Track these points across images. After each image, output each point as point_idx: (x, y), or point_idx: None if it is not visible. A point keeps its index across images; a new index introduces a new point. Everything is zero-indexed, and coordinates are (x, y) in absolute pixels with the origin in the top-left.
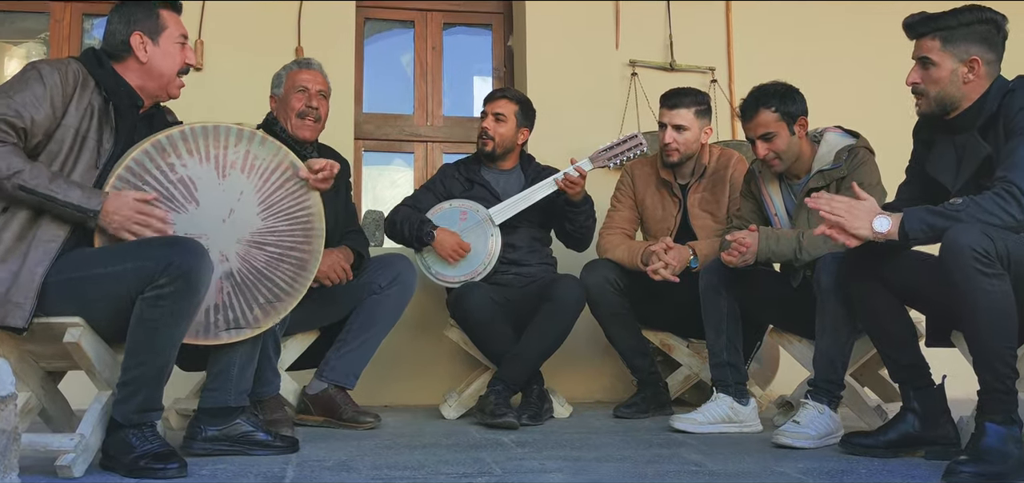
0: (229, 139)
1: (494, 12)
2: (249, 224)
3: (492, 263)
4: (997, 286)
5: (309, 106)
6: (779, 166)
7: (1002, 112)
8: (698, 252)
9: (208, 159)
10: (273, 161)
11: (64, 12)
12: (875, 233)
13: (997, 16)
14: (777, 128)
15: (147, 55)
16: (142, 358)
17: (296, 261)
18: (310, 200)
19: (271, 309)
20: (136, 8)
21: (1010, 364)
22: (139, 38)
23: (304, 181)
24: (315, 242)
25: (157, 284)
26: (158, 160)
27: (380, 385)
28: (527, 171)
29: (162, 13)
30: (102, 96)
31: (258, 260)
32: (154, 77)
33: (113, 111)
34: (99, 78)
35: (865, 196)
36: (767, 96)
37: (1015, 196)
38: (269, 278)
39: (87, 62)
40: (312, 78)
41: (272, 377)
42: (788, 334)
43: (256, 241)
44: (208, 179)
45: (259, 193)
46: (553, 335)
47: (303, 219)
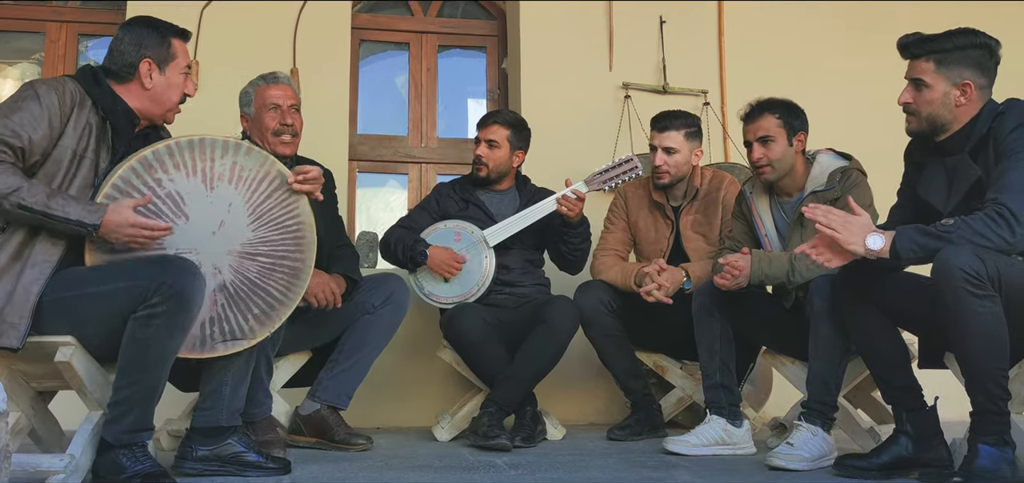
0: (215, 151)
1: (488, 34)
2: (240, 235)
3: (486, 284)
4: (988, 308)
5: (283, 124)
6: (769, 174)
7: (992, 134)
8: (691, 274)
9: (195, 172)
10: (260, 171)
11: (60, 32)
12: (867, 250)
13: (991, 41)
14: (776, 134)
15: (152, 83)
16: (134, 377)
17: (289, 270)
18: (299, 209)
19: (266, 319)
20: (149, 33)
21: (1002, 385)
22: (148, 65)
23: (292, 189)
24: (307, 250)
25: (150, 303)
26: (145, 176)
27: (373, 406)
28: (522, 192)
29: (174, 43)
30: (99, 115)
31: (250, 271)
32: (156, 104)
33: (110, 130)
34: (96, 97)
35: (860, 212)
36: (773, 103)
37: (1006, 218)
38: (263, 288)
39: (84, 81)
40: (282, 93)
41: (264, 398)
42: (781, 355)
43: (248, 252)
44: (196, 192)
45: (248, 204)
46: (547, 357)
47: (293, 228)
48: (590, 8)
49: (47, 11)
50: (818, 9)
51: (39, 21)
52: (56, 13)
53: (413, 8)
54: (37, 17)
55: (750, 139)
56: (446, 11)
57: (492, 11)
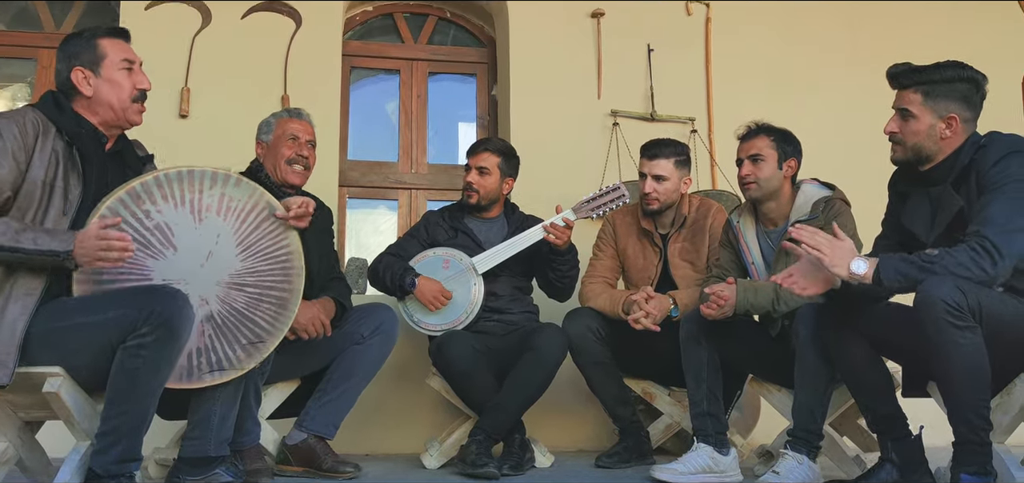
0: (203, 182)
1: (478, 61)
2: (228, 266)
3: (474, 312)
4: (970, 339)
5: (299, 155)
6: (754, 191)
7: (974, 167)
8: (678, 301)
9: (183, 204)
10: (249, 202)
11: (51, 59)
12: (851, 273)
13: (978, 75)
14: (768, 154)
15: (91, 88)
16: (123, 407)
17: (276, 300)
18: (288, 239)
19: (254, 349)
20: (74, 42)
21: (983, 416)
22: (80, 74)
23: (281, 220)
24: (295, 280)
25: (139, 333)
26: (133, 207)
27: (361, 433)
28: (511, 220)
29: (100, 42)
30: (65, 141)
31: (238, 301)
32: (106, 108)
33: (78, 156)
34: (59, 124)
35: (844, 237)
36: (769, 127)
37: (988, 251)
38: (250, 318)
39: (45, 108)
40: (302, 128)
41: (252, 427)
42: (768, 383)
43: (235, 283)
44: (184, 224)
45: (236, 234)
46: (535, 384)
47: (282, 258)
48: (579, 36)
49: (39, 38)
50: (804, 39)
51: (31, 47)
52: (48, 39)
53: (404, 35)
54: (29, 43)
55: (742, 157)
56: (436, 38)
57: (482, 38)
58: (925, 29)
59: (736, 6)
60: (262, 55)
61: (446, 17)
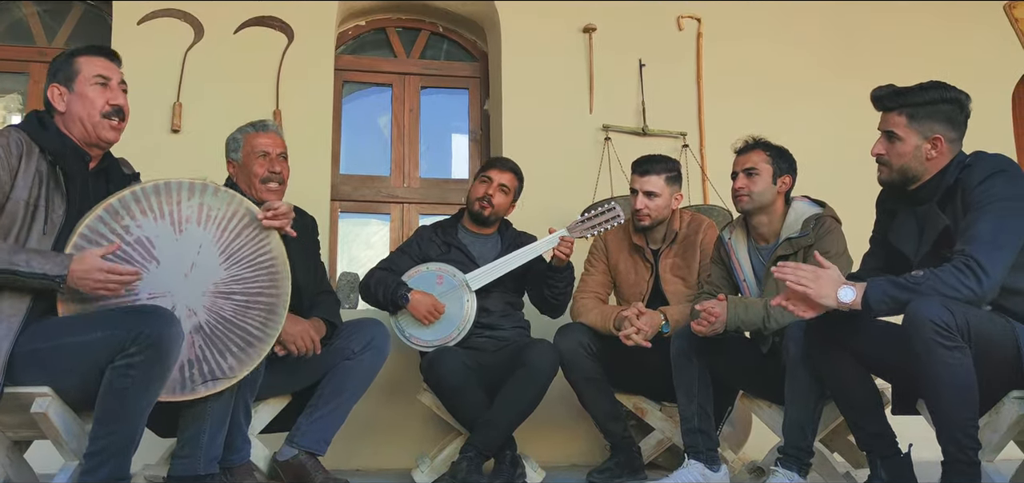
0: (181, 194)
1: (471, 75)
2: (212, 275)
3: (466, 328)
4: (958, 359)
5: (272, 171)
6: (746, 203)
7: (960, 186)
8: (669, 317)
9: (162, 216)
10: (228, 210)
11: (43, 73)
12: (840, 302)
13: (961, 95)
14: (762, 169)
15: (65, 104)
16: (111, 427)
17: (265, 306)
18: (270, 244)
19: (245, 356)
20: (57, 60)
21: (972, 436)
22: (55, 90)
23: (260, 225)
24: (281, 284)
25: (127, 353)
26: (112, 223)
27: (352, 449)
28: (504, 237)
29: (78, 59)
30: (48, 161)
31: (226, 310)
32: (77, 123)
33: (61, 174)
34: (43, 142)
35: (829, 265)
36: (766, 143)
37: (973, 270)
38: (239, 326)
39: (29, 128)
40: (271, 142)
41: (242, 444)
42: (758, 399)
43: (222, 291)
44: (165, 236)
45: (218, 243)
46: (526, 400)
47: (266, 264)
48: (571, 51)
49: (32, 52)
50: (796, 55)
51: (23, 61)
52: (40, 54)
53: (396, 49)
54: (21, 57)
55: (737, 170)
56: (429, 53)
57: (474, 53)
58: (916, 43)
59: (728, 21)
60: (255, 69)
61: (439, 31)
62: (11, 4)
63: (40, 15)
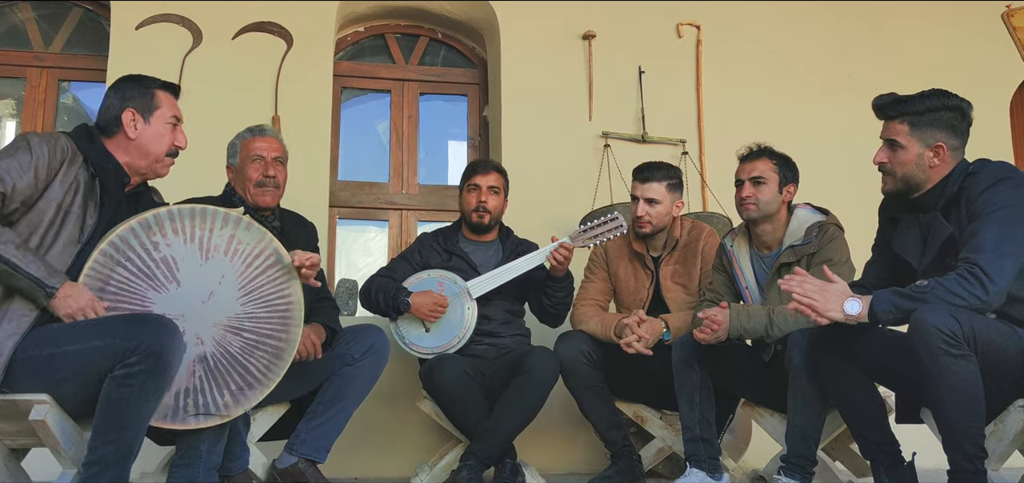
0: (215, 222)
1: (470, 82)
2: (227, 308)
3: (467, 336)
4: (964, 367)
5: (266, 175)
6: (752, 212)
7: (964, 194)
8: (670, 325)
9: (193, 240)
10: (257, 247)
11: (40, 78)
12: (846, 315)
13: (963, 103)
14: (769, 177)
15: (136, 132)
16: (110, 437)
17: (272, 349)
18: (291, 289)
19: (242, 396)
20: (133, 86)
21: (978, 444)
22: (131, 115)
23: (288, 268)
24: (292, 330)
25: (127, 362)
26: (143, 237)
27: (351, 456)
28: (505, 244)
29: (157, 93)
30: (89, 172)
31: (233, 345)
32: (142, 155)
33: (99, 187)
34: (87, 154)
35: (836, 278)
36: (772, 151)
37: (978, 278)
38: (243, 364)
39: (77, 138)
40: (267, 145)
41: (241, 452)
42: (760, 407)
43: (233, 326)
44: (191, 260)
45: (240, 278)
46: (526, 409)
47: (282, 307)
48: (570, 57)
49: (28, 57)
50: (796, 61)
51: (20, 66)
52: (37, 59)
53: (395, 56)
54: (18, 62)
55: (742, 177)
56: (427, 59)
57: (473, 59)
58: (915, 51)
59: (727, 28)
60: (253, 75)
61: (437, 38)
62: (8, 8)
63: (37, 20)
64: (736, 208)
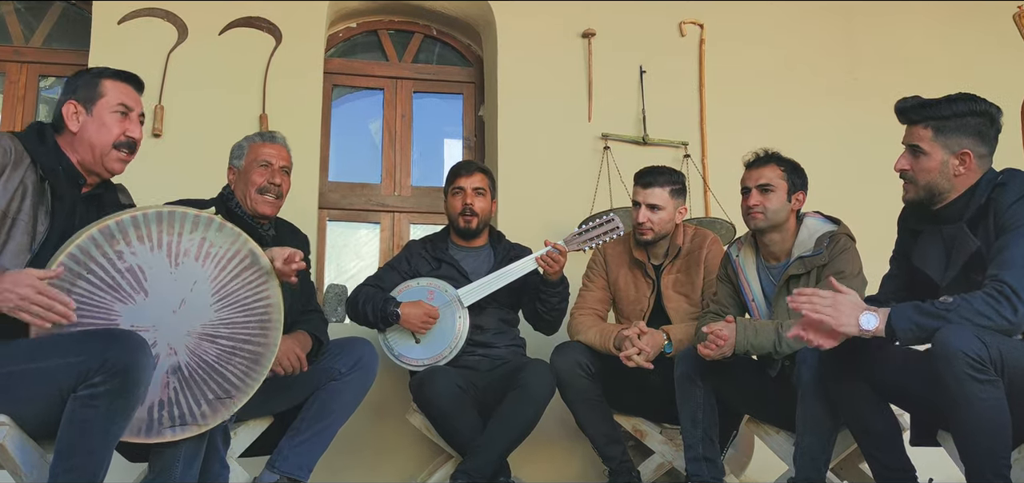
0: (184, 226)
1: (465, 80)
2: (201, 315)
3: (459, 346)
4: (990, 393)
5: (271, 182)
6: (761, 221)
7: (991, 205)
8: (672, 336)
9: (160, 246)
10: (231, 249)
11: (20, 73)
12: (862, 330)
13: (992, 108)
14: (777, 185)
15: (79, 125)
16: (73, 462)
17: (249, 355)
18: (269, 290)
19: (220, 405)
20: (80, 77)
21: (1004, 474)
22: (72, 107)
23: (266, 269)
24: (272, 334)
25: (91, 382)
26: (105, 247)
27: (337, 472)
28: (497, 249)
29: (104, 82)
30: (38, 174)
31: (209, 353)
32: (87, 149)
33: (49, 191)
34: (36, 155)
35: (846, 290)
36: (780, 157)
37: (1007, 297)
38: (220, 372)
39: (26, 139)
40: (276, 153)
41: (220, 469)
42: (766, 425)
43: (207, 334)
44: (159, 268)
45: (214, 282)
46: (520, 425)
47: (260, 310)
48: (569, 56)
49: (7, 51)
50: (801, 62)
51: None
52: (16, 54)
53: (388, 53)
54: None
55: (749, 185)
56: (422, 56)
57: (469, 57)
58: (923, 53)
59: (731, 28)
60: (240, 72)
61: (432, 34)
62: None
63: (18, 13)
64: (742, 217)
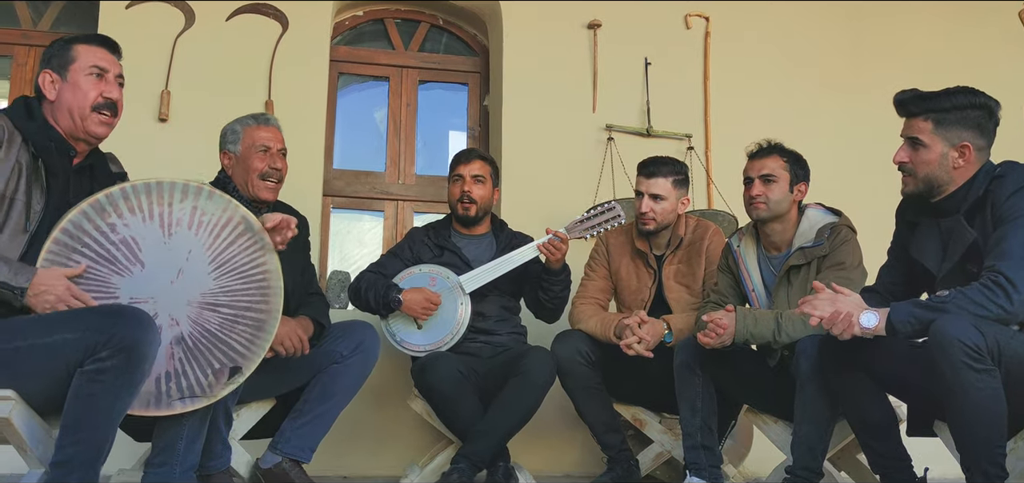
0: (174, 195)
1: (471, 71)
2: (200, 284)
3: (460, 333)
4: (987, 382)
5: (272, 167)
6: (763, 211)
7: (989, 198)
8: (672, 326)
9: (152, 217)
10: (223, 216)
11: (27, 56)
12: (863, 329)
13: (990, 101)
14: (780, 176)
15: (55, 92)
16: (79, 436)
17: (253, 321)
18: (265, 256)
19: (227, 374)
20: (53, 47)
21: (999, 463)
22: (48, 76)
23: (258, 236)
24: (273, 300)
25: (98, 357)
26: (97, 220)
27: (339, 455)
28: (499, 237)
29: (75, 46)
30: (30, 152)
31: (211, 322)
32: (66, 115)
33: (43, 167)
34: (27, 132)
35: (847, 292)
36: (783, 148)
37: (1003, 287)
38: (224, 341)
39: (14, 115)
40: (272, 136)
41: (222, 450)
42: (764, 414)
43: (208, 302)
44: (153, 238)
45: (209, 250)
46: (521, 411)
47: (258, 277)
48: (575, 47)
49: (16, 35)
50: (806, 57)
51: (6, 44)
52: (25, 37)
53: (394, 42)
54: (4, 40)
55: (752, 175)
56: (428, 46)
57: (475, 47)
58: (928, 48)
59: (737, 20)
60: (246, 59)
61: (439, 24)
62: None
63: None
64: (745, 207)
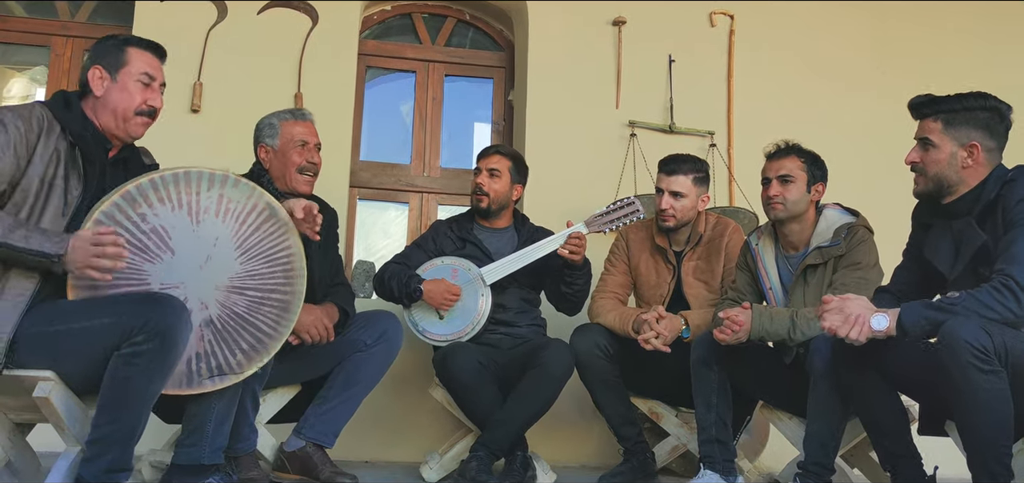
0: (201, 184)
1: (496, 65)
2: (227, 269)
3: (481, 324)
4: (994, 384)
5: (310, 161)
6: (780, 212)
7: (1000, 201)
8: (690, 322)
9: (180, 206)
10: (248, 203)
11: (65, 47)
12: (874, 332)
13: (1001, 105)
14: (797, 176)
15: (103, 90)
16: (114, 416)
17: (278, 303)
18: (289, 240)
19: (255, 353)
20: (104, 44)
21: (1005, 464)
22: (98, 73)
23: (284, 221)
24: (297, 282)
25: (134, 341)
26: (129, 211)
27: (361, 440)
28: (520, 231)
29: (128, 50)
30: (68, 141)
31: (239, 305)
32: (110, 113)
33: (80, 156)
34: (65, 122)
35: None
36: (800, 148)
37: (1012, 290)
38: (251, 322)
39: (54, 106)
40: (308, 131)
41: (249, 433)
42: (779, 411)
43: (235, 286)
44: (182, 226)
45: (236, 237)
46: (539, 402)
47: (283, 260)
48: (599, 43)
49: (54, 26)
50: (830, 57)
51: (45, 35)
52: (63, 28)
53: (421, 36)
54: (43, 31)
55: (770, 176)
56: (454, 40)
57: (500, 42)
58: (953, 48)
59: (762, 19)
60: (277, 52)
61: (465, 19)
62: None
63: None
64: (762, 207)
